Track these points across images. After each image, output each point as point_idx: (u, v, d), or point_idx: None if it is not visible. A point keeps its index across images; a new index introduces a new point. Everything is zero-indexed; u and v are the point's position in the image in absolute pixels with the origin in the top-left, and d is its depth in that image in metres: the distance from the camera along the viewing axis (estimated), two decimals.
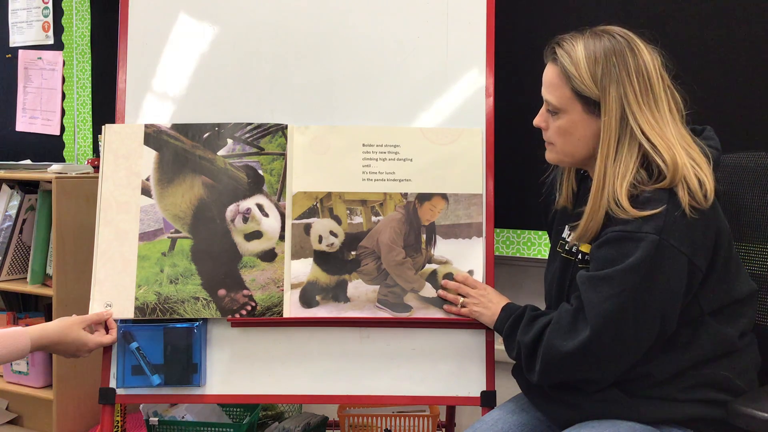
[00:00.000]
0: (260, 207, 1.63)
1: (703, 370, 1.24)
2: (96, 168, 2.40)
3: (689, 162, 1.21)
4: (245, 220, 1.62)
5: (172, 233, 1.63)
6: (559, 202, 1.43)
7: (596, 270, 1.23)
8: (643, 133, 1.21)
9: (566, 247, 1.38)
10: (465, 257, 1.62)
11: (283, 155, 1.65)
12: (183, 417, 1.94)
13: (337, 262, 1.62)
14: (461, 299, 1.56)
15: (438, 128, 1.66)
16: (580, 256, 1.33)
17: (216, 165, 1.65)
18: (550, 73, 1.30)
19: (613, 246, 1.21)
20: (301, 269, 1.62)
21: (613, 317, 1.18)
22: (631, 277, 1.17)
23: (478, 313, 1.52)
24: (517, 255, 1.98)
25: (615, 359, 1.22)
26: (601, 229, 1.25)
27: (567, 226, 1.40)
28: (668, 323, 1.21)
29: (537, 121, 1.35)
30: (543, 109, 1.34)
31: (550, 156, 1.37)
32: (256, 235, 1.62)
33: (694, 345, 1.24)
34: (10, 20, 2.88)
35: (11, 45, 2.88)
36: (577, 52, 1.25)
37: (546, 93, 1.31)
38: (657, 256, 1.16)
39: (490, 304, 1.51)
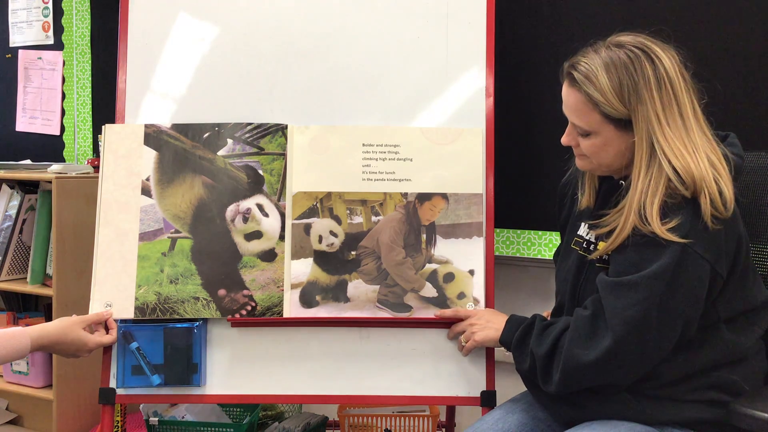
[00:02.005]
0: (260, 207, 1.63)
1: (712, 373, 1.24)
2: (96, 168, 2.40)
3: (711, 171, 1.19)
4: (245, 220, 1.62)
5: (172, 233, 1.63)
6: (582, 202, 1.41)
7: (618, 274, 1.21)
8: (666, 156, 1.19)
9: (583, 245, 1.37)
10: (465, 257, 1.62)
11: (283, 155, 1.65)
12: (183, 417, 1.94)
13: (337, 262, 1.62)
14: (461, 338, 1.54)
15: (438, 128, 1.66)
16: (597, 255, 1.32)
17: (216, 165, 1.65)
18: (572, 98, 1.26)
19: (636, 250, 1.20)
20: (301, 269, 1.62)
21: (636, 324, 1.17)
22: (656, 284, 1.16)
23: (483, 337, 1.49)
24: (517, 255, 1.98)
25: (637, 365, 1.21)
26: None
27: (584, 224, 1.39)
28: (689, 328, 1.20)
29: (566, 141, 1.33)
30: (570, 129, 1.31)
31: (583, 165, 1.34)
32: (256, 235, 1.62)
33: (706, 349, 1.24)
34: (10, 20, 2.87)
35: (11, 45, 2.88)
36: (598, 75, 1.22)
37: (573, 118, 1.28)
38: (682, 262, 1.16)
39: (490, 323, 1.49)
